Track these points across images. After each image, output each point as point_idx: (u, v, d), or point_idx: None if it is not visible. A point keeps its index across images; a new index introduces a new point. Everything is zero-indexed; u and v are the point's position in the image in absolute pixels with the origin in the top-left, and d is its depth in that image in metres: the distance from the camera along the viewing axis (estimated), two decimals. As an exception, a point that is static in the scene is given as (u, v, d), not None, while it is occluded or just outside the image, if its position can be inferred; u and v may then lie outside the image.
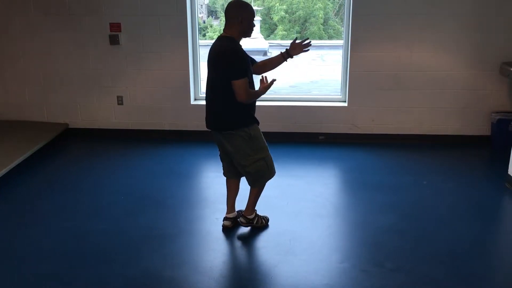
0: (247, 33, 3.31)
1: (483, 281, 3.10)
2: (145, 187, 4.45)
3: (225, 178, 3.72)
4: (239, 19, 3.23)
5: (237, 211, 3.73)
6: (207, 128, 3.51)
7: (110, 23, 5.42)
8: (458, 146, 5.37)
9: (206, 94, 3.45)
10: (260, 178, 3.50)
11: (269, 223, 3.72)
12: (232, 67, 3.19)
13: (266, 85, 3.39)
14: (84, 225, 3.77)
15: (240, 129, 3.34)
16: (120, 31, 5.42)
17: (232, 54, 3.21)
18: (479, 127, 5.41)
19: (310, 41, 3.54)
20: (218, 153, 3.66)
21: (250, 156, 3.39)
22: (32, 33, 5.55)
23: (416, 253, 3.34)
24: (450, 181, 4.50)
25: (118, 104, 5.69)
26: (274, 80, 3.39)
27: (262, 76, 3.48)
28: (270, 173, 3.52)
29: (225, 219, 3.68)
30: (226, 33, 3.28)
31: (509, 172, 4.32)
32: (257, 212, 3.67)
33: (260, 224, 3.67)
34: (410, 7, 5.13)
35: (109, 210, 4.00)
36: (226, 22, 3.29)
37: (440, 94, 5.36)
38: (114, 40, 5.43)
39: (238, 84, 3.18)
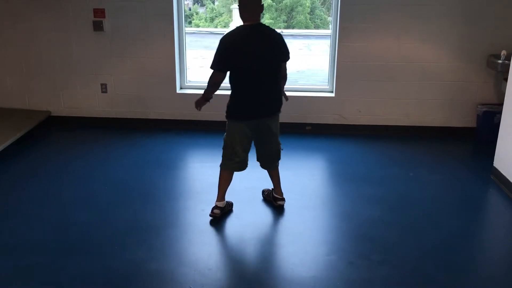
0: None
1: (469, 272, 3.12)
2: (130, 177, 4.38)
3: (214, 169, 3.68)
4: (261, 8, 3.44)
5: (226, 201, 3.69)
6: (256, 118, 3.52)
7: (94, 9, 5.29)
8: (444, 137, 5.39)
9: (258, 82, 3.44)
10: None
11: (256, 215, 3.70)
12: (288, 50, 3.52)
13: None
14: (67, 215, 3.70)
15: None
16: (104, 17, 5.30)
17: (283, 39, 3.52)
18: (465, 119, 5.42)
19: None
20: (235, 149, 3.53)
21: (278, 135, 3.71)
22: (13, 19, 5.40)
23: (402, 245, 3.35)
24: (436, 173, 4.51)
25: (102, 92, 5.58)
26: None
27: None
28: None
29: (215, 207, 3.62)
30: (259, 21, 3.46)
31: (494, 165, 4.35)
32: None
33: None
34: (399, -2, 5.10)
35: (93, 201, 3.93)
36: (255, 13, 3.39)
37: (427, 85, 5.35)
38: (98, 27, 5.31)
39: (286, 64, 3.60)
